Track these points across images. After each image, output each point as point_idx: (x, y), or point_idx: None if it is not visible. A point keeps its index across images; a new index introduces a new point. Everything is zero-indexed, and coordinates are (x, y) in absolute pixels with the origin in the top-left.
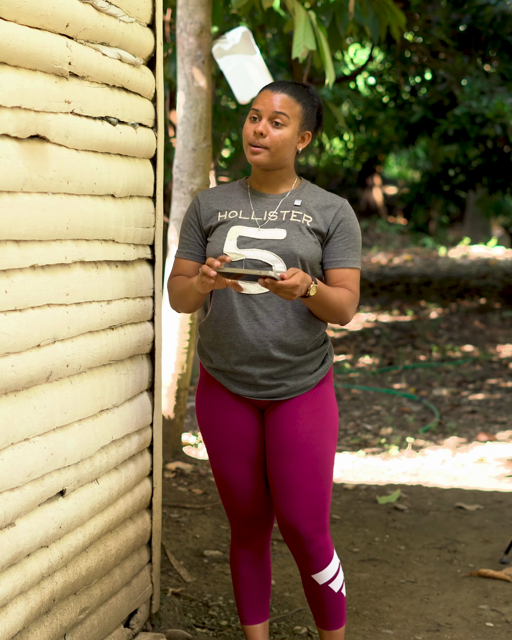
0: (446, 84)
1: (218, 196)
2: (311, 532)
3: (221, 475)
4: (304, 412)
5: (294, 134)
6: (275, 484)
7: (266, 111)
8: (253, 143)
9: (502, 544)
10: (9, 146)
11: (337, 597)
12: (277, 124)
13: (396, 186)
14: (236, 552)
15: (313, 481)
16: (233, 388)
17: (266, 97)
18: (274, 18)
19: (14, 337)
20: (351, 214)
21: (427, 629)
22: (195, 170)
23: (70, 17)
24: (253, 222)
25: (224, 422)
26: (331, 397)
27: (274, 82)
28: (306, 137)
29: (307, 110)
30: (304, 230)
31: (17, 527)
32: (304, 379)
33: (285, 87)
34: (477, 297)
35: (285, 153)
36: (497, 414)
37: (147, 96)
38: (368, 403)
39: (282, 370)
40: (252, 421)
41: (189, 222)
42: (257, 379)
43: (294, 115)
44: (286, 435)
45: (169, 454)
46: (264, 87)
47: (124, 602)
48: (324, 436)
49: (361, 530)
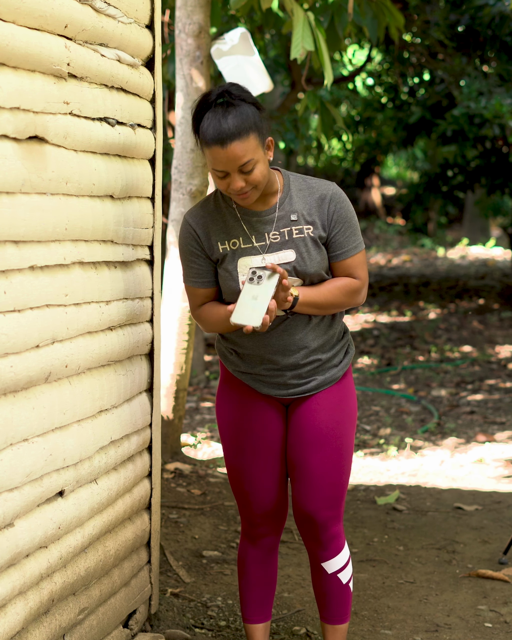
0: (444, 85)
1: (209, 222)
2: (326, 520)
3: (240, 473)
4: (329, 403)
5: (264, 159)
6: (296, 473)
7: (232, 169)
8: (237, 193)
9: (500, 544)
10: (7, 147)
11: (344, 589)
12: (249, 171)
13: (394, 187)
14: (246, 550)
15: (335, 472)
16: (263, 389)
17: (221, 156)
18: (272, 19)
19: (12, 338)
20: (341, 199)
21: (426, 629)
22: (194, 171)
23: (69, 18)
24: (256, 249)
25: (248, 420)
26: (352, 388)
27: (210, 123)
28: (269, 144)
29: (258, 126)
30: (309, 245)
31: (16, 528)
32: (332, 372)
33: (227, 127)
34: (476, 297)
35: (266, 179)
36: (495, 415)
37: (146, 97)
38: (367, 403)
39: (312, 369)
40: (277, 418)
41: (193, 251)
42: (287, 379)
43: (255, 149)
44: (311, 426)
45: (168, 455)
46: (207, 139)
47: (123, 603)
48: (347, 427)
49: (360, 531)
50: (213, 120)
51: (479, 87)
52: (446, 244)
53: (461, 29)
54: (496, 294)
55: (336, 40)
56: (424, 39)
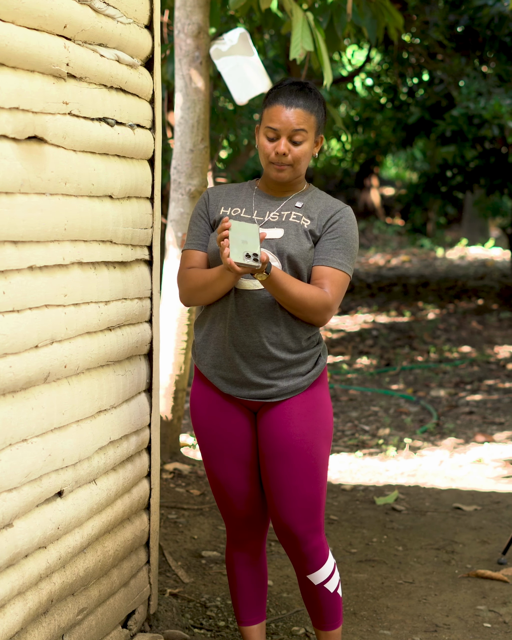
0: (443, 85)
1: (226, 192)
2: (306, 533)
3: (216, 478)
4: (296, 414)
5: (312, 144)
6: (269, 486)
7: (285, 130)
8: (276, 162)
9: (499, 544)
10: (6, 147)
11: (333, 597)
12: (297, 142)
13: (393, 187)
14: (232, 554)
15: (307, 483)
16: (225, 388)
17: (282, 114)
18: (271, 19)
19: (11, 338)
20: (349, 219)
21: (425, 629)
22: (193, 172)
23: (68, 18)
24: (253, 220)
25: (217, 423)
26: (325, 399)
27: (282, 91)
28: (319, 141)
29: (319, 117)
30: (300, 232)
31: (15, 528)
32: (296, 380)
33: (297, 99)
34: (475, 298)
35: (306, 164)
36: (494, 415)
37: (145, 97)
38: (366, 404)
39: (274, 369)
40: (245, 423)
41: (199, 214)
42: (249, 377)
43: (310, 127)
44: (278, 437)
45: (167, 455)
46: (274, 100)
47: (122, 603)
48: (317, 438)
49: (359, 531)
50: (287, 91)
51: (478, 88)
52: (445, 245)
53: (460, 30)
54: (495, 294)
55: (335, 41)
56: (423, 40)
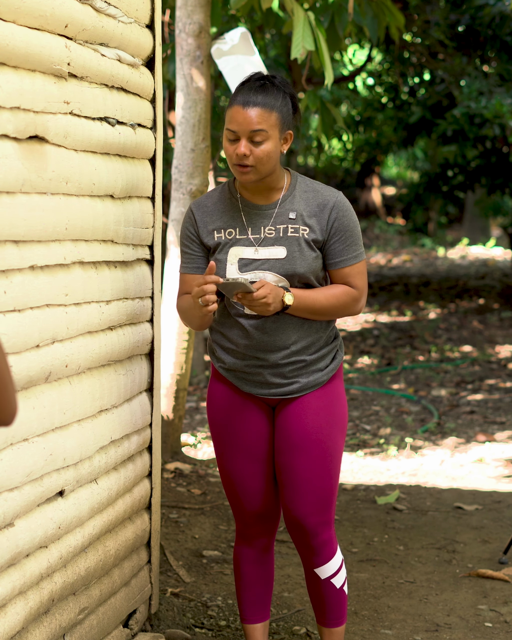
0: (444, 85)
1: (211, 210)
2: (316, 526)
3: (230, 474)
4: (314, 407)
5: (276, 142)
6: (283, 478)
7: (243, 131)
8: (238, 163)
9: (500, 544)
10: (8, 147)
11: (339, 593)
12: (258, 142)
13: (394, 187)
14: (240, 550)
15: (321, 476)
16: (245, 387)
17: (239, 115)
18: (272, 19)
19: (13, 338)
20: (345, 208)
21: (426, 629)
22: (194, 171)
23: (69, 17)
24: (250, 240)
25: (235, 420)
26: (341, 393)
27: (242, 89)
28: (288, 137)
29: (284, 113)
30: (303, 245)
31: (16, 528)
32: (316, 376)
33: (256, 96)
34: (476, 297)
35: (271, 163)
36: (495, 414)
37: (146, 97)
38: (367, 403)
39: (294, 369)
40: (263, 419)
41: (188, 236)
42: (269, 378)
43: (271, 125)
44: (295, 430)
45: (168, 455)
46: (233, 100)
47: (123, 603)
48: (333, 432)
49: (360, 531)
50: (247, 89)
51: (480, 87)
52: (446, 244)
53: (461, 29)
54: (496, 293)
55: (336, 40)
56: (425, 39)
